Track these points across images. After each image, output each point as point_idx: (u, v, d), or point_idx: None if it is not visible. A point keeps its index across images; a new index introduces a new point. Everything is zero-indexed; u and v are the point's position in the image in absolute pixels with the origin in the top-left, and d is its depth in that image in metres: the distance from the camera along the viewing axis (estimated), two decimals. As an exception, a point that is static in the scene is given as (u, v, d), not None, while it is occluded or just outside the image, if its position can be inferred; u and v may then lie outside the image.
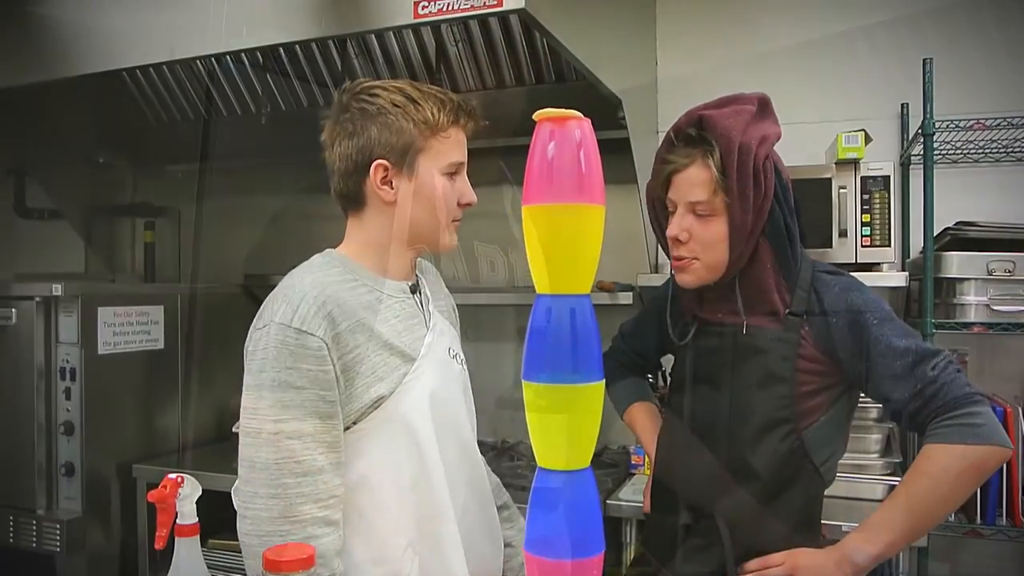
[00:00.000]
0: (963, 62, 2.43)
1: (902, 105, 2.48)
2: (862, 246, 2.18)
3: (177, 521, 1.10)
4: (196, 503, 1.12)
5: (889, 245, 2.18)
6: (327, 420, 1.19)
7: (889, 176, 2.18)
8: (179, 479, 1.11)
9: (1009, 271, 2.10)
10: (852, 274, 1.46)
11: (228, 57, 2.89)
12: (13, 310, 2.44)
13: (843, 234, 2.18)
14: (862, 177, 2.19)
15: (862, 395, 1.48)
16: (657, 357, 1.81)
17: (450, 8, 1.66)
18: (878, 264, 2.18)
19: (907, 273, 2.18)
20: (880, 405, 1.48)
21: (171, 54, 2.02)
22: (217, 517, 1.34)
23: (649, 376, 2.18)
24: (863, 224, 2.18)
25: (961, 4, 2.47)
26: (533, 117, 0.78)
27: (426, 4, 1.67)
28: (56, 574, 2.40)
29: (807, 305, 1.41)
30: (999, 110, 2.22)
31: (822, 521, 1.64)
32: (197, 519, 1.11)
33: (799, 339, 1.40)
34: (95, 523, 2.44)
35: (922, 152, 2.10)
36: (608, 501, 2.07)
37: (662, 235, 1.52)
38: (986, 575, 2.43)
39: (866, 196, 2.19)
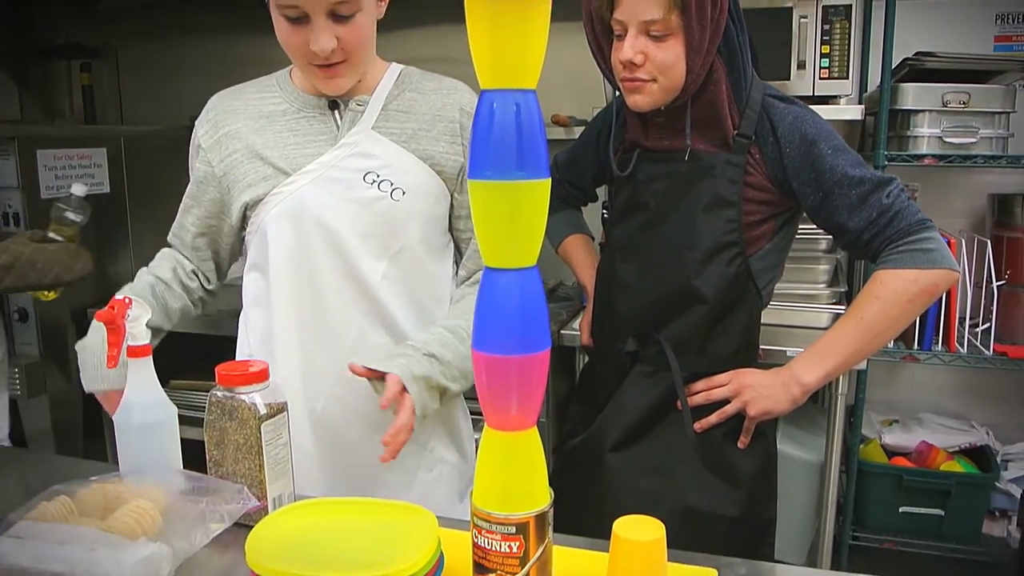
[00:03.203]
0: None
1: (868, -68, 2.40)
2: (820, 78, 2.15)
3: (128, 343, 1.09)
4: (158, 346, 1.12)
5: (847, 78, 2.15)
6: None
7: (851, 5, 2.12)
8: (127, 299, 1.10)
9: (964, 103, 2.10)
10: (804, 103, 1.42)
11: None
12: (-55, 155, 2.34)
13: (801, 66, 2.14)
14: (824, 7, 2.13)
15: (811, 226, 1.49)
16: (593, 188, 1.77)
17: None
18: (835, 97, 2.16)
19: (863, 107, 2.17)
20: (830, 235, 1.48)
21: None
22: (178, 358, 1.34)
23: (605, 209, 2.18)
24: (822, 55, 2.14)
25: None
26: None
27: None
28: (20, 417, 2.43)
29: (757, 128, 1.38)
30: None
31: (767, 347, 1.70)
32: (148, 341, 1.10)
33: (746, 162, 1.38)
34: (54, 368, 2.44)
35: (885, -19, 2.05)
36: (562, 331, 2.12)
37: (602, 58, 1.44)
38: (920, 399, 2.57)
39: (827, 27, 2.13)
